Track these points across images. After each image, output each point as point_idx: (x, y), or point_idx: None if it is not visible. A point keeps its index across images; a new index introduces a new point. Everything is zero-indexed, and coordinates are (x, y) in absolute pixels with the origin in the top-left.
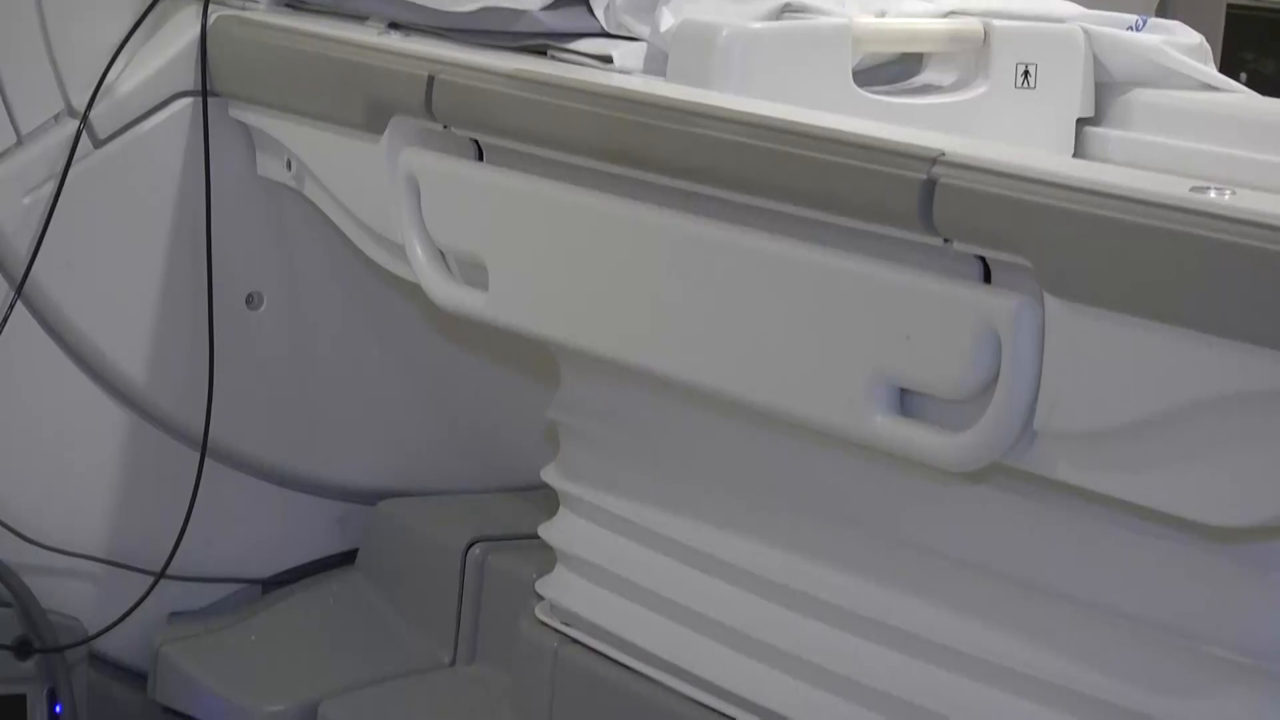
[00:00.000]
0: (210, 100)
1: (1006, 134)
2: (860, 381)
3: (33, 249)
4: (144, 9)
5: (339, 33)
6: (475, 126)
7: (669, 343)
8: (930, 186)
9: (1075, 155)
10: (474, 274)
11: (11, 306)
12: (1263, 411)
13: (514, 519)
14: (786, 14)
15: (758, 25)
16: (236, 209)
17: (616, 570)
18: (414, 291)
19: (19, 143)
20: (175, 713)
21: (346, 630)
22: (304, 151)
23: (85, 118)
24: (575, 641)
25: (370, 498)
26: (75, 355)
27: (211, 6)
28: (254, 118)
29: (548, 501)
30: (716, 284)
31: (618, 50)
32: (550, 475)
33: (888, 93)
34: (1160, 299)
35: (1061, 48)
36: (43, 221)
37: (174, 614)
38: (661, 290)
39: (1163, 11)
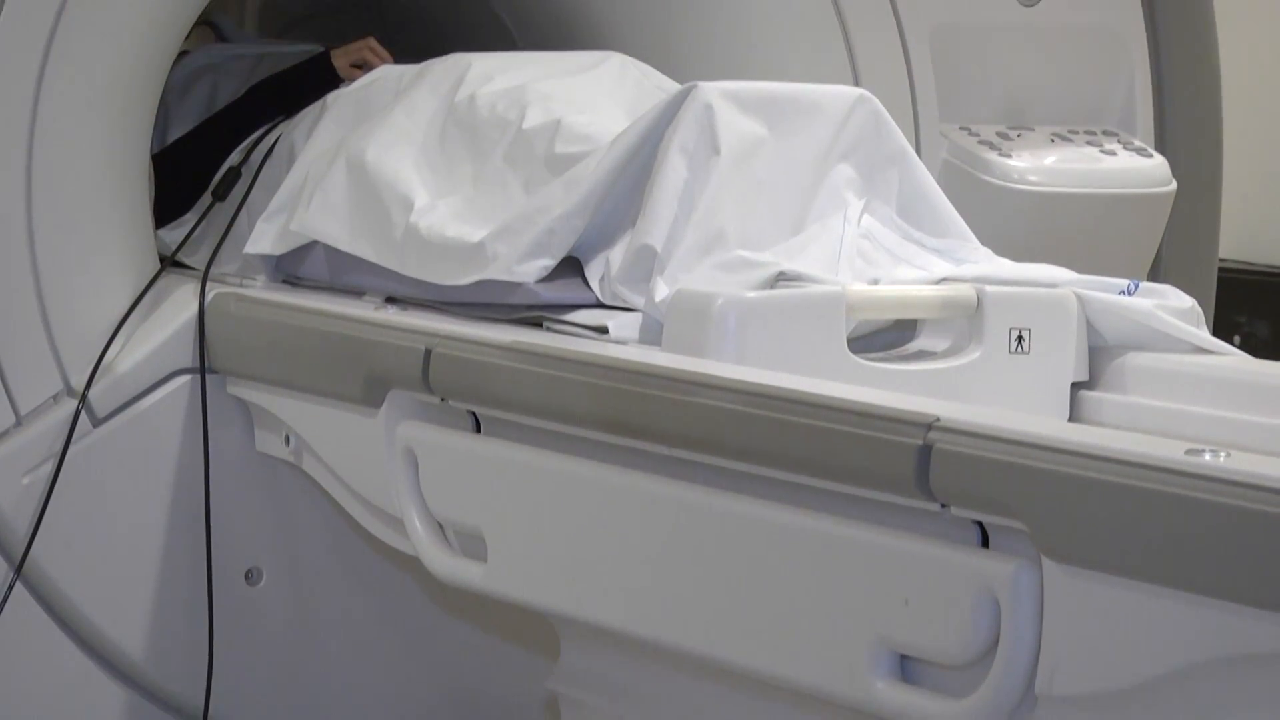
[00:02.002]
0: (209, 377)
1: (1001, 399)
2: (860, 648)
3: (32, 529)
4: (142, 288)
5: (336, 308)
6: (472, 399)
7: (670, 613)
8: (926, 452)
9: (1070, 419)
10: (473, 545)
11: (10, 587)
12: (1263, 673)
13: None
14: (780, 282)
15: (752, 294)
16: (235, 485)
17: None
18: (413, 564)
19: (18, 423)
20: None
21: None
22: (302, 426)
23: (84, 397)
24: None
25: None
26: (74, 634)
27: (209, 284)
28: (252, 394)
29: None
30: (716, 553)
31: (613, 321)
32: None
33: (882, 359)
34: (1158, 562)
35: (1054, 313)
36: (42, 501)
37: None
38: (661, 560)
39: (1154, 275)
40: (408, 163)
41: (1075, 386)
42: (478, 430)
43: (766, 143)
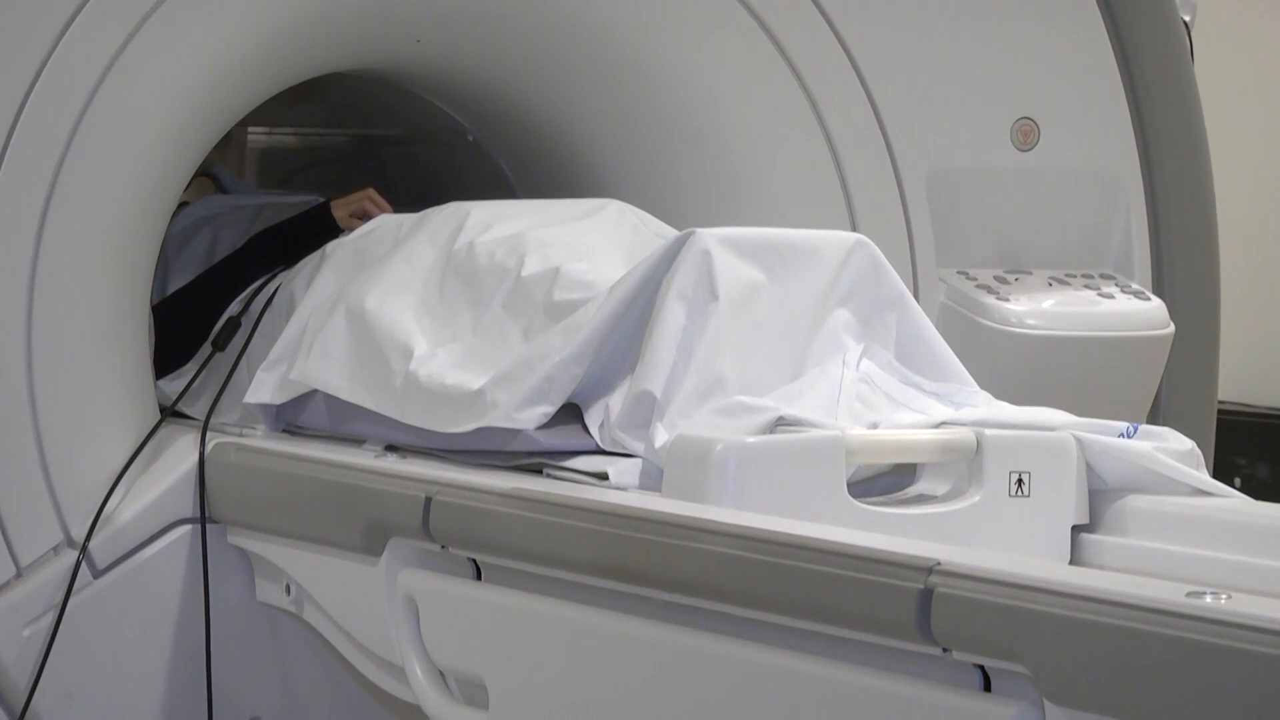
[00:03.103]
0: (209, 527)
1: (1002, 542)
2: None
3: (32, 680)
4: (142, 438)
5: (336, 456)
6: (473, 546)
7: None
8: (927, 596)
9: (1071, 562)
10: (475, 694)
11: None
12: None
13: None
14: (780, 427)
15: (752, 439)
16: (236, 635)
17: None
18: (415, 713)
19: (18, 575)
20: None
21: None
22: (303, 576)
23: (84, 548)
24: None
25: None
26: None
27: (209, 433)
28: (253, 543)
29: None
30: (718, 699)
31: (613, 467)
32: None
33: (882, 503)
34: (1161, 705)
35: (1054, 456)
36: (42, 653)
37: None
38: (663, 707)
39: (1153, 418)
40: (407, 311)
41: (1076, 529)
42: (478, 577)
43: (765, 288)
